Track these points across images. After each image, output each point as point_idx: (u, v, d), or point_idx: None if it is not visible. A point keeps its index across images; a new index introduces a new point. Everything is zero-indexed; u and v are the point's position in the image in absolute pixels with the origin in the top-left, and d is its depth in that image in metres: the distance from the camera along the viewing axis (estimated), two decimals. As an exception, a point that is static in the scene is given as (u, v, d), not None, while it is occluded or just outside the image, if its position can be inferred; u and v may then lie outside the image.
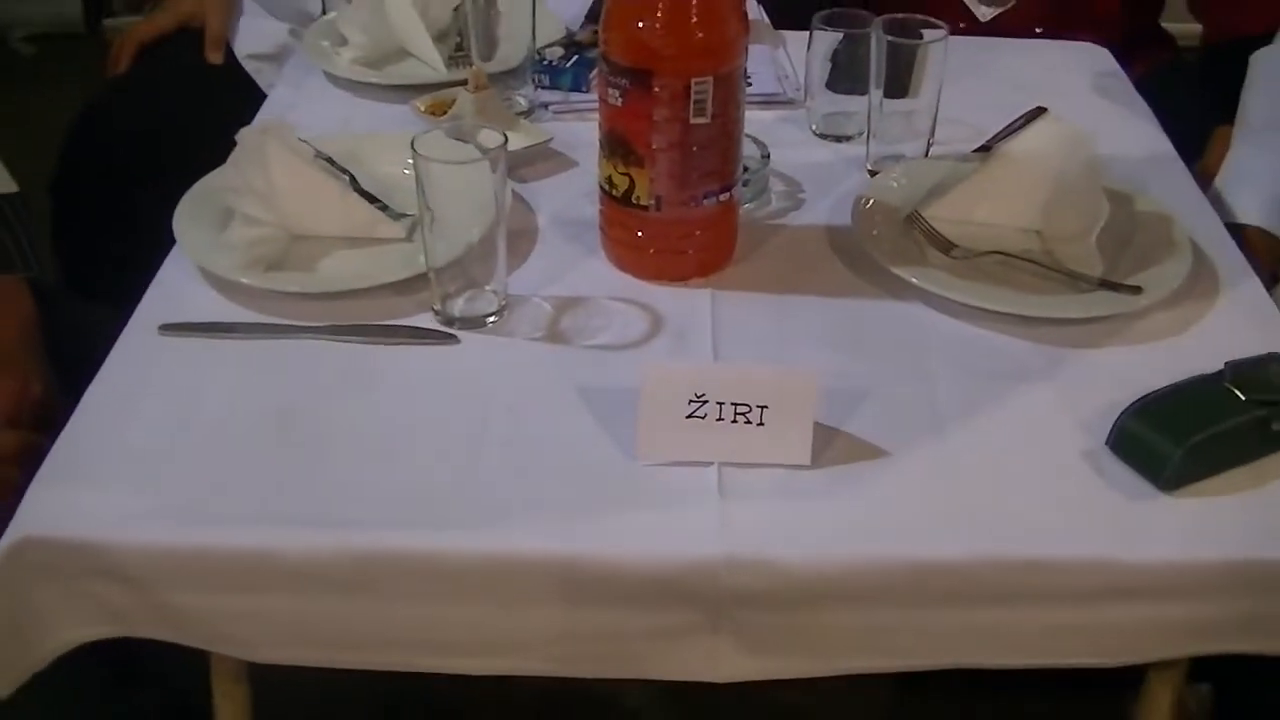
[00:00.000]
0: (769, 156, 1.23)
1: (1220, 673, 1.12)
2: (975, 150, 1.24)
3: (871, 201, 1.17)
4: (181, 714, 1.18)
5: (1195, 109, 1.60)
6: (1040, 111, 1.23)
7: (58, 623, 0.86)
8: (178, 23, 1.83)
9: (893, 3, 1.30)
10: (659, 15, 0.98)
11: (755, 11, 1.53)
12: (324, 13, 1.77)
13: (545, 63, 1.38)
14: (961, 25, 1.70)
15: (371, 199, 1.13)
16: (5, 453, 1.14)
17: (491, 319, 1.03)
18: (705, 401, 0.88)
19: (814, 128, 1.34)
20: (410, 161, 1.12)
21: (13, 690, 0.88)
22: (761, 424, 0.88)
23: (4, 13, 1.53)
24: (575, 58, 1.39)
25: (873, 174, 1.25)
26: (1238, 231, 1.27)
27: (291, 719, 1.28)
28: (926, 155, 1.26)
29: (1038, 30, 1.70)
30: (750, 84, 1.32)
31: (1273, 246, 1.30)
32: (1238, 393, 0.91)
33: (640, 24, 0.99)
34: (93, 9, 3.34)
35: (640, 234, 1.07)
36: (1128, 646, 0.87)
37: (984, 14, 1.71)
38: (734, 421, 0.88)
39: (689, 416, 0.88)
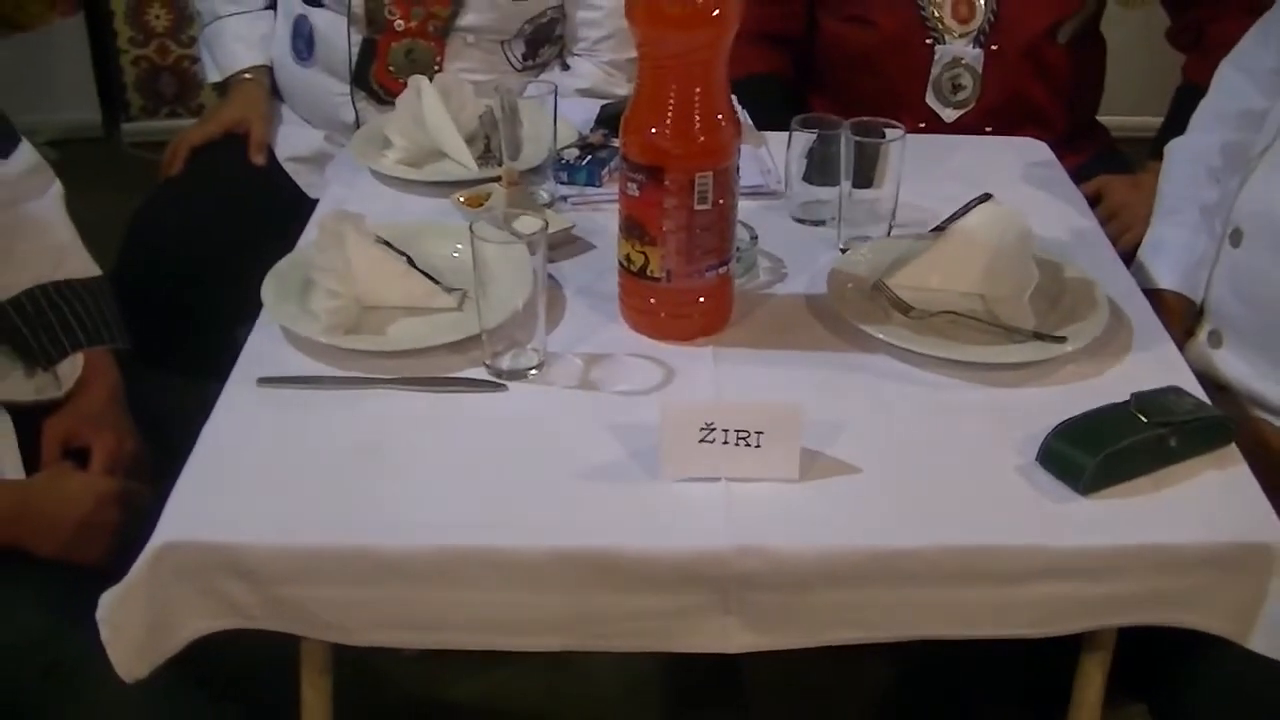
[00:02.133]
0: (756, 238, 1.42)
1: (1154, 693, 1.28)
2: (931, 230, 1.44)
3: (843, 274, 1.37)
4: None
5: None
6: (987, 198, 1.45)
7: (190, 615, 1.05)
8: (225, 129, 2.04)
9: (867, 105, 1.51)
10: (669, 123, 1.20)
11: (741, 114, 1.76)
12: (357, 122, 1.98)
13: (563, 162, 1.58)
14: (922, 125, 1.93)
15: (427, 276, 1.34)
16: (108, 496, 1.34)
17: (533, 371, 1.23)
18: (713, 429, 1.08)
19: (793, 214, 1.54)
20: (458, 245, 1.35)
21: (147, 672, 1.07)
22: (759, 447, 1.08)
23: (27, 118, 1.68)
24: (589, 157, 1.60)
25: (844, 252, 1.45)
26: (1155, 295, 1.47)
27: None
28: (889, 235, 1.45)
29: (988, 129, 1.93)
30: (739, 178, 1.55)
31: (1185, 307, 1.49)
32: (1141, 417, 1.12)
33: (653, 130, 1.21)
34: (111, 115, 3.55)
35: (653, 301, 1.28)
36: (1057, 618, 1.07)
37: (948, 115, 1.94)
38: (737, 445, 1.08)
39: (700, 441, 1.08)
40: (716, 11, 1.17)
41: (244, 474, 1.10)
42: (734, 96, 1.72)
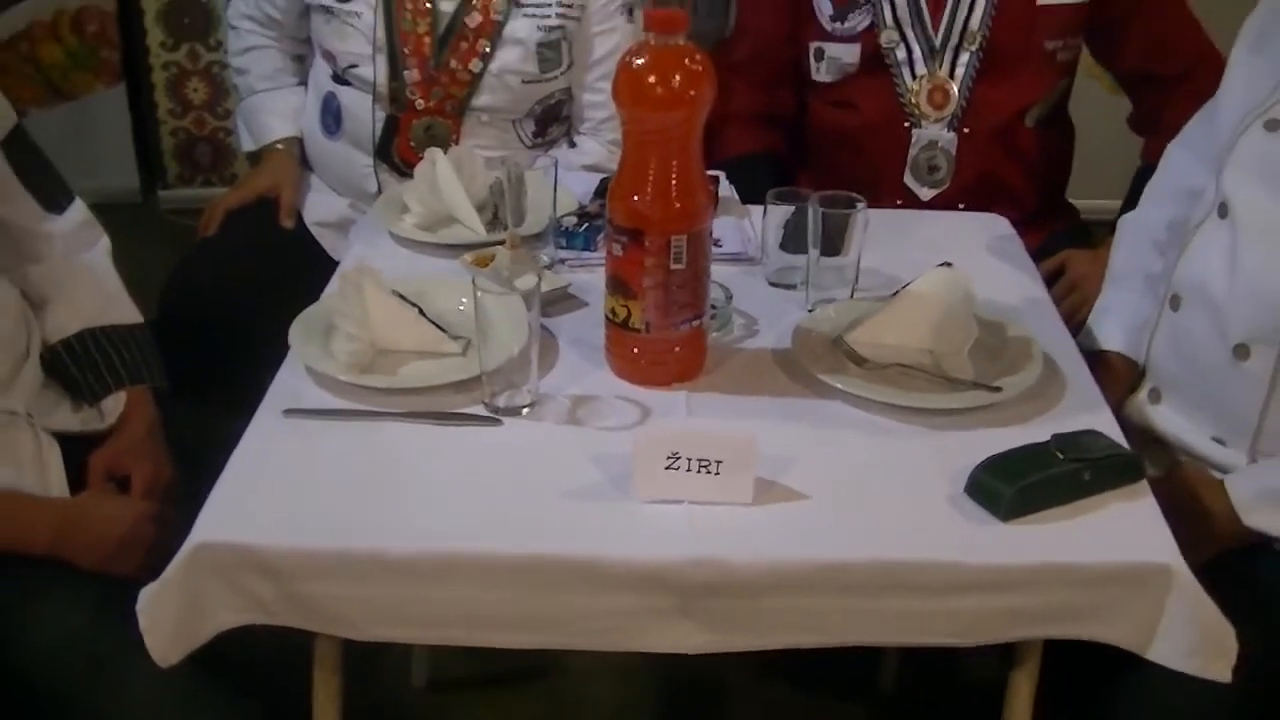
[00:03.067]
0: (732, 298, 1.57)
1: (1086, 715, 1.38)
2: (892, 294, 1.60)
3: (808, 331, 1.51)
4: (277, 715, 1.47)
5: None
6: (947, 265, 1.60)
7: (219, 609, 1.19)
8: (257, 195, 2.21)
9: (850, 184, 1.64)
10: (649, 191, 1.36)
11: (728, 190, 1.92)
12: (379, 191, 2.14)
13: (563, 229, 1.73)
14: (899, 202, 2.10)
15: (435, 325, 1.49)
16: (145, 517, 1.49)
17: (527, 409, 1.38)
18: (679, 458, 1.23)
19: (769, 278, 1.68)
20: (463, 300, 1.50)
21: (180, 659, 1.21)
22: (718, 474, 1.23)
23: (69, 182, 1.80)
24: (586, 225, 1.75)
25: (810, 312, 1.59)
26: (1101, 356, 1.61)
27: None
28: (852, 298, 1.60)
29: (960, 205, 2.09)
30: (720, 245, 1.69)
31: (1128, 367, 1.61)
32: (1059, 454, 1.26)
33: (635, 197, 1.37)
34: (149, 182, 3.72)
35: (634, 350, 1.43)
36: (978, 629, 1.20)
37: (925, 194, 2.10)
38: (699, 472, 1.23)
39: (667, 468, 1.23)
40: (692, 93, 1.34)
41: (270, 487, 1.25)
42: (723, 173, 1.89)
